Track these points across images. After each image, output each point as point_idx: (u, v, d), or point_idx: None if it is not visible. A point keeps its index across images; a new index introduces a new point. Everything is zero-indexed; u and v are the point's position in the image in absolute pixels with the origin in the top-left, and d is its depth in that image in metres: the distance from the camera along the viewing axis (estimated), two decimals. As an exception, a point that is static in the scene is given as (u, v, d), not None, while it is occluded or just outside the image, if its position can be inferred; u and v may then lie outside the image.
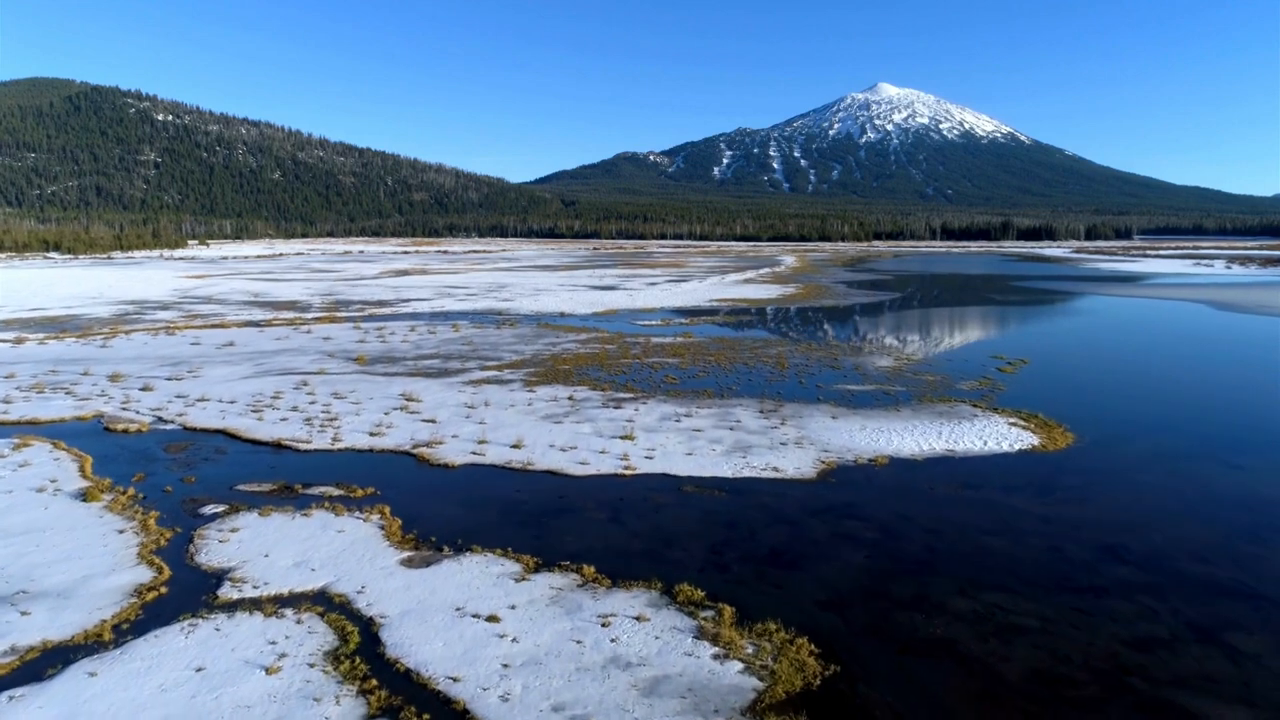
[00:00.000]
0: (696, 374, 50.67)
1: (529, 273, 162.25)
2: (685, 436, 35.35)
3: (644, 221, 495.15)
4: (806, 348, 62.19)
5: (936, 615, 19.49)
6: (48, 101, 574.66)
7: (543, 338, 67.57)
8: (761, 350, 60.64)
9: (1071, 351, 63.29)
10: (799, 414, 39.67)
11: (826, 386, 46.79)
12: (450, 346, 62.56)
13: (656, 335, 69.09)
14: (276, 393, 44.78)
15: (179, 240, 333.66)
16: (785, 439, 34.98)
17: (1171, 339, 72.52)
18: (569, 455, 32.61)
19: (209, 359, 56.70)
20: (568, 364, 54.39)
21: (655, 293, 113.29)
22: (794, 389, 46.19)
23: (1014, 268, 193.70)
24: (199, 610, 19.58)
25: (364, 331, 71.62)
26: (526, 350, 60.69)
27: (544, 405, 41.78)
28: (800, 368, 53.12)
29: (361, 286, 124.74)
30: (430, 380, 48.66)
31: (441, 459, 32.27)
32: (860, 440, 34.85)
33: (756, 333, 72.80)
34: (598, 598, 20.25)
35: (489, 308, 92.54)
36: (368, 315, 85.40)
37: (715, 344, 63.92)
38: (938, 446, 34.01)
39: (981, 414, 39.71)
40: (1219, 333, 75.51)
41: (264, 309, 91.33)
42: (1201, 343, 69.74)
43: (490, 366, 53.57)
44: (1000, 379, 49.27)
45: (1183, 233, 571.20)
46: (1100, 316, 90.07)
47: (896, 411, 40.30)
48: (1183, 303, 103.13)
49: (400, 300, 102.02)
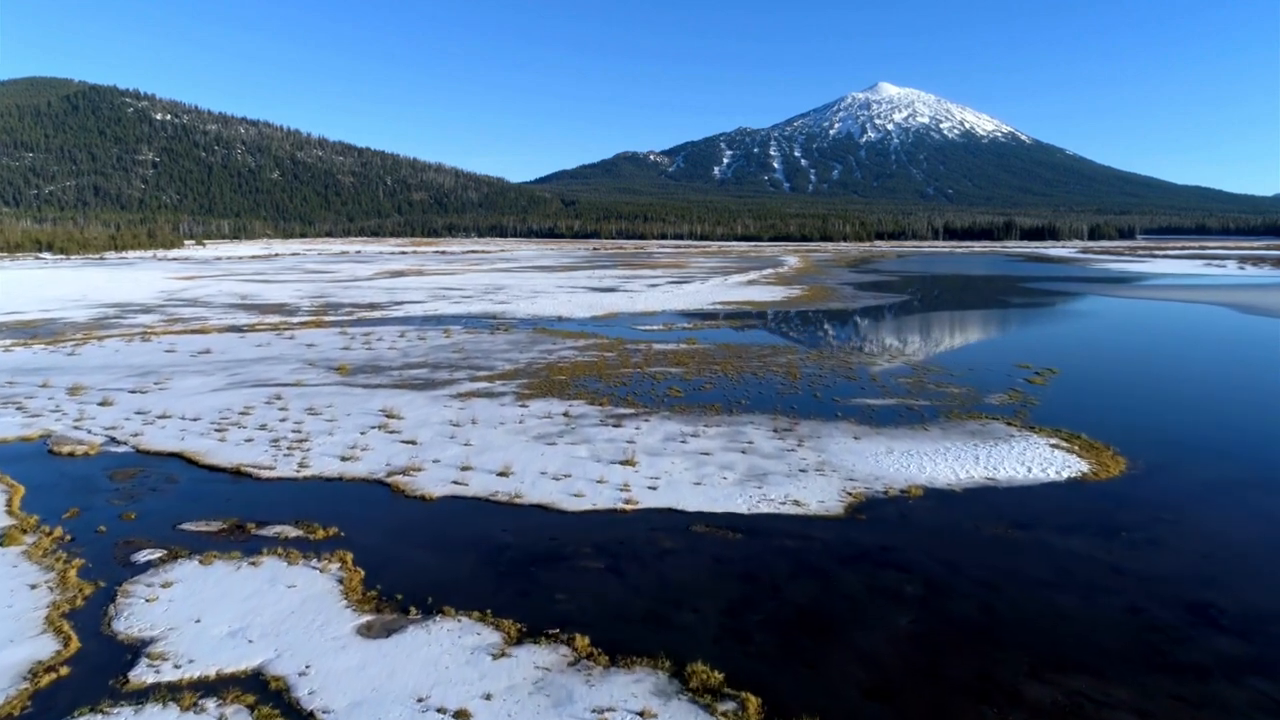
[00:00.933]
0: (702, 385, 47.01)
1: (527, 274, 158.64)
2: (693, 461, 31.69)
3: (644, 221, 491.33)
4: (818, 355, 58.53)
5: (1010, 708, 15.83)
6: (45, 101, 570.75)
7: (538, 344, 63.91)
8: (770, 358, 56.98)
9: (1101, 360, 59.59)
10: (817, 433, 36.03)
11: (844, 400, 43.12)
12: (440, 354, 58.90)
13: (658, 341, 65.44)
14: (246, 408, 41.11)
15: (175, 240, 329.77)
16: (804, 464, 31.32)
17: (1201, 345, 68.82)
18: (562, 485, 28.94)
19: (181, 368, 53.03)
20: (564, 374, 50.74)
21: (656, 295, 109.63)
22: (809, 403, 42.53)
23: (1021, 268, 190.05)
24: (100, 701, 15.91)
25: (350, 337, 67.96)
26: (521, 358, 57.04)
27: (536, 423, 38.13)
28: (813, 378, 49.46)
29: (354, 288, 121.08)
30: (415, 393, 44.98)
31: (419, 490, 28.61)
32: (889, 466, 31.18)
33: (763, 338, 69.10)
34: (592, 682, 16.58)
35: (484, 311, 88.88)
36: (357, 319, 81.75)
37: (721, 351, 60.28)
38: (976, 474, 30.33)
39: (1018, 433, 36.05)
40: (1247, 338, 71.84)
41: (249, 312, 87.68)
42: (1232, 347, 66.02)
43: (481, 377, 49.90)
44: (1030, 391, 45.60)
45: (1186, 232, 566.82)
46: (1122, 320, 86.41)
47: (924, 430, 36.64)
48: (1204, 305, 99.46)
49: (393, 303, 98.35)
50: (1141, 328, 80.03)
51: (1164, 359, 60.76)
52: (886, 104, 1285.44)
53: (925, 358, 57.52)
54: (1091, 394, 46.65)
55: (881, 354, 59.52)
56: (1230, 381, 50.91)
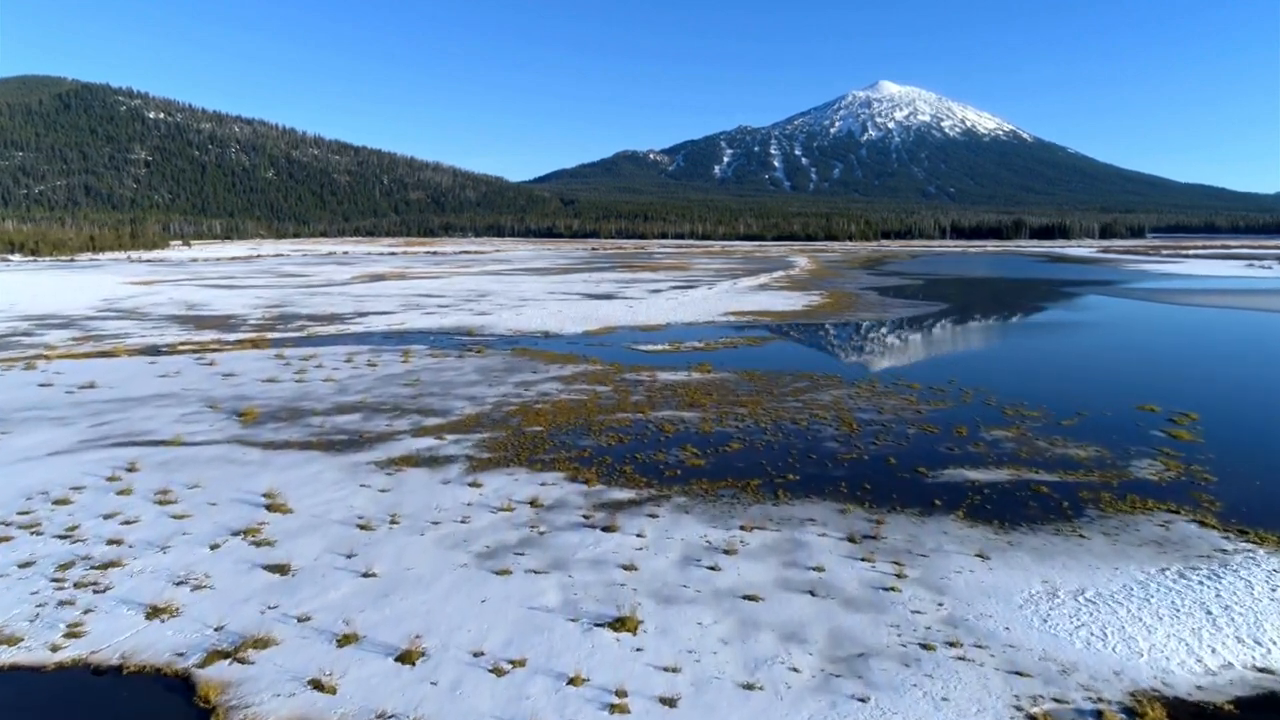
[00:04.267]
0: (728, 442, 34.22)
1: (519, 276, 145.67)
2: (734, 623, 18.85)
3: (644, 221, 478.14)
4: (870, 390, 45.72)
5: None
6: (37, 99, 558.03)
7: (515, 372, 51.11)
8: (810, 395, 44.20)
9: (1239, 395, 46.47)
10: (918, 543, 23.25)
11: (934, 471, 30.31)
12: (386, 389, 46.11)
13: (665, 368, 52.67)
14: (71, 490, 28.28)
15: (160, 241, 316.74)
16: (923, 630, 18.49)
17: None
18: (506, 691, 16.11)
19: (38, 414, 40.21)
20: (541, 422, 37.95)
21: (659, 303, 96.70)
22: (884, 476, 29.77)
23: (1049, 270, 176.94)
24: None
25: (285, 363, 55.14)
26: (489, 395, 44.24)
27: (488, 522, 25.32)
28: (875, 428, 36.68)
29: (321, 295, 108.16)
30: (327, 459, 32.15)
31: (241, 707, 15.78)
32: (1070, 636, 18.27)
33: (793, 362, 56.24)
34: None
35: (458, 325, 76.02)
36: (305, 336, 68.91)
37: (744, 383, 47.50)
38: (1234, 657, 17.41)
39: (1232, 546, 23.21)
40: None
41: (184, 327, 74.86)
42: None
43: (429, 429, 37.08)
44: (1187, 453, 32.77)
45: (1194, 231, 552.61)
46: (1221, 337, 73.41)
47: (1081, 540, 23.82)
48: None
49: (356, 314, 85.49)
50: (1258, 348, 66.79)
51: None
52: (887, 102, 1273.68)
53: (1011, 394, 44.65)
54: (1274, 454, 33.76)
55: (949, 387, 46.63)
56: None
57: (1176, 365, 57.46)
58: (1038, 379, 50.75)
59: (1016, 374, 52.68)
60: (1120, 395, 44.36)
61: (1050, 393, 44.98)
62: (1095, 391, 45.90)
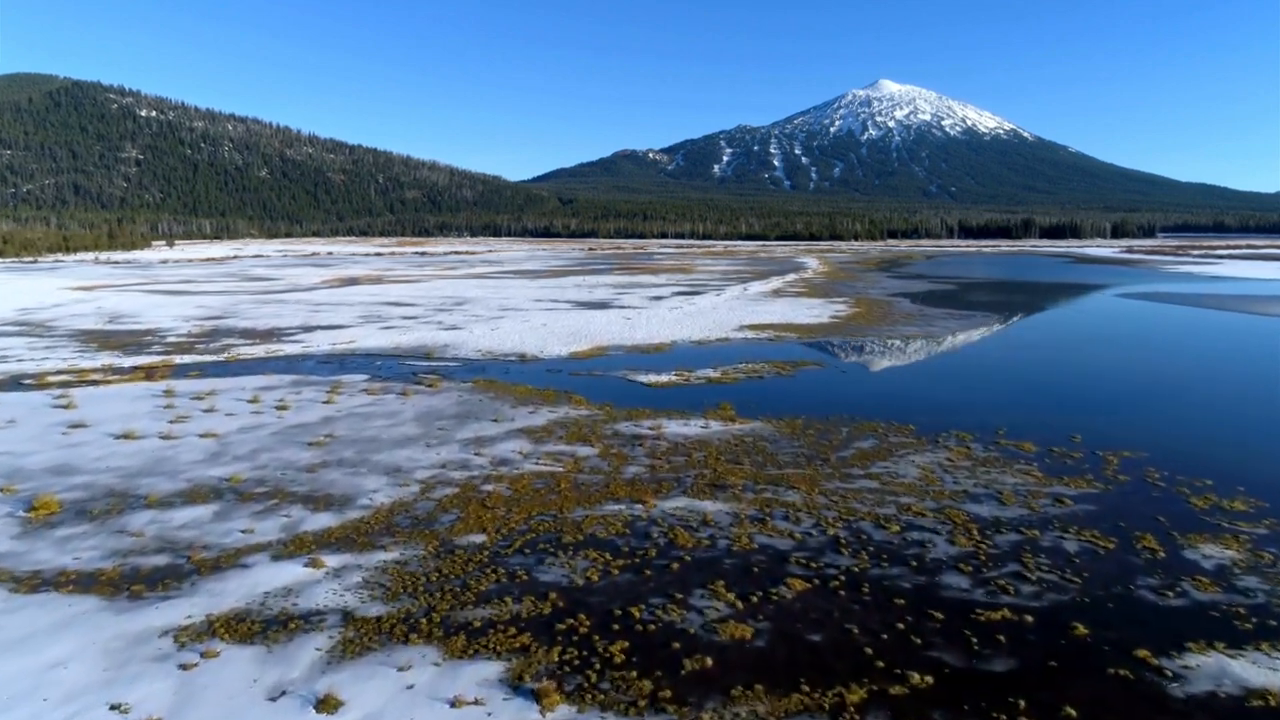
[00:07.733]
0: (784, 577, 20.59)
1: (506, 280, 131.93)
2: None
3: (643, 220, 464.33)
4: (964, 454, 32.10)
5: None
6: (26, 97, 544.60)
7: (469, 422, 37.45)
8: (883, 462, 30.59)
9: None
10: None
11: (1167, 658, 16.69)
12: (279, 453, 32.43)
13: (673, 413, 38.98)
14: None
15: (140, 241, 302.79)
16: None
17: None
18: None
19: None
20: (485, 525, 24.34)
21: (662, 314, 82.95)
22: (1078, 667, 16.17)
23: (1086, 273, 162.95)
24: None
25: (167, 404, 41.46)
26: (421, 466, 30.60)
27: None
28: (1010, 540, 23.10)
29: (274, 304, 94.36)
30: (91, 628, 18.44)
31: None
32: None
33: (839, 399, 42.49)
34: None
35: (418, 344, 62.31)
36: (222, 361, 55.21)
37: (784, 439, 33.90)
38: None
39: None
40: None
41: (81, 347, 61.10)
42: None
43: (304, 542, 23.41)
44: None
45: (1203, 230, 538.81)
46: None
47: None
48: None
49: (302, 329, 71.78)
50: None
51: None
52: (887, 101, 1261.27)
53: (1178, 462, 30.95)
54: None
55: (1077, 448, 32.92)
56: None
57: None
58: (1192, 428, 37.04)
59: (1161, 420, 38.94)
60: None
61: (1239, 460, 31.27)
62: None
